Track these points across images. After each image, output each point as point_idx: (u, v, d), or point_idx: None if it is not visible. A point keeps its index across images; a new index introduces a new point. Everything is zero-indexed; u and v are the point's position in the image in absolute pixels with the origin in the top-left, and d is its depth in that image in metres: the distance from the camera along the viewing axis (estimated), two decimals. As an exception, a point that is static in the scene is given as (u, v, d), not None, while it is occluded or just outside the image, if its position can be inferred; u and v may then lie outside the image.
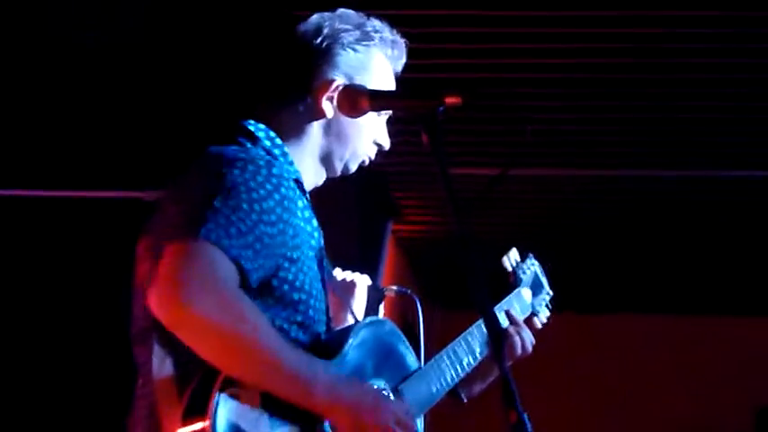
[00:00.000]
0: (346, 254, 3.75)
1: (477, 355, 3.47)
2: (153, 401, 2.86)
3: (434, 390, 3.28)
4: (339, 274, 3.53)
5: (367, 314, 3.56)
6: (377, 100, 2.97)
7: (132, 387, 2.99)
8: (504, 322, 3.64)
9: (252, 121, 3.10)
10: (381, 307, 3.69)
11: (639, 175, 7.57)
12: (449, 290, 8.39)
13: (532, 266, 3.89)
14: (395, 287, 3.76)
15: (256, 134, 3.07)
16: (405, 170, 6.91)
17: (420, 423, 3.20)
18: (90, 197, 7.30)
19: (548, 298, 3.89)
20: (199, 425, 2.71)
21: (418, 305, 3.59)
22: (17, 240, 7.38)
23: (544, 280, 3.91)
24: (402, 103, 3.04)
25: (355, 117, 3.08)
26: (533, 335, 3.67)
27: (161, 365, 2.87)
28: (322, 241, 3.14)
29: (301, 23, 3.17)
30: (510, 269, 3.80)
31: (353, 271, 3.60)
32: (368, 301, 3.60)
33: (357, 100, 2.95)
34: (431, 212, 8.11)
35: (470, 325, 3.59)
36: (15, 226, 7.37)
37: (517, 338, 3.50)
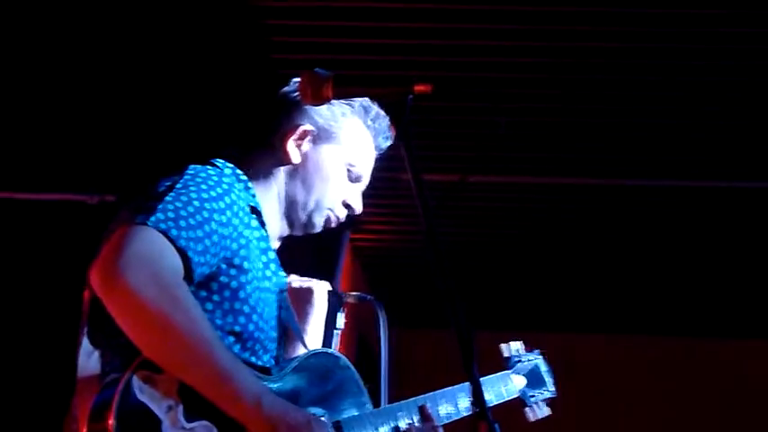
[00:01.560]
0: (302, 263, 3.69)
1: (443, 417, 3.45)
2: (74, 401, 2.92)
3: None
4: (296, 280, 3.54)
5: (327, 322, 3.58)
6: (341, 87, 2.90)
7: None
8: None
9: (220, 160, 3.19)
10: (341, 315, 3.67)
11: (609, 184, 7.56)
12: (406, 306, 8.38)
13: (535, 360, 3.94)
14: (356, 293, 3.75)
15: (222, 168, 3.16)
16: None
17: None
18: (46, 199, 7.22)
19: (547, 395, 3.91)
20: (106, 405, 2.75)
21: (380, 313, 3.60)
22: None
23: (548, 379, 3.95)
24: (370, 91, 2.99)
25: (319, 104, 3.08)
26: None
27: (86, 362, 2.93)
28: (282, 281, 3.26)
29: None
30: (506, 355, 3.88)
31: (311, 278, 3.61)
32: (328, 308, 3.60)
33: (321, 86, 2.89)
34: (389, 222, 8.11)
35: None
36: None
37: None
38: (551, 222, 8.08)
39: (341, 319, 3.63)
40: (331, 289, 3.62)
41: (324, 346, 3.51)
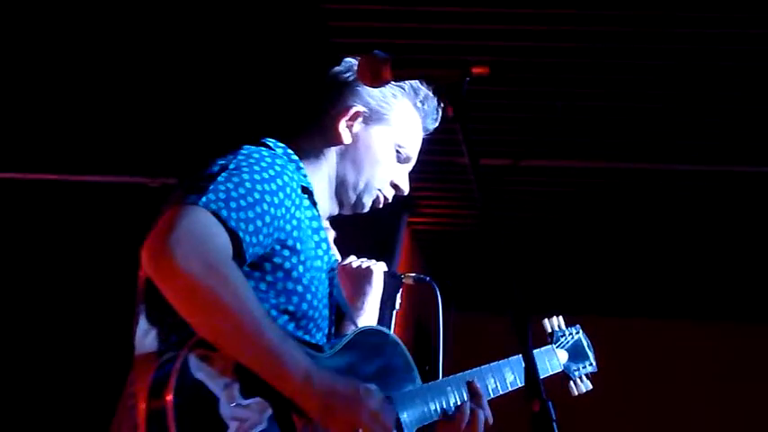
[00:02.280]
0: (361, 245, 3.72)
1: (490, 392, 3.48)
2: (131, 378, 2.94)
3: (433, 408, 3.31)
4: (355, 261, 3.62)
5: (384, 302, 3.63)
6: (400, 69, 2.89)
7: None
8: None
9: (272, 140, 3.22)
10: (399, 296, 3.75)
11: (655, 169, 7.53)
12: (463, 288, 8.40)
13: (576, 334, 3.97)
14: (413, 274, 3.78)
15: (275, 148, 3.18)
16: (422, 160, 7.02)
17: None
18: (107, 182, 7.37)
19: (589, 369, 3.93)
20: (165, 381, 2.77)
21: (438, 293, 3.73)
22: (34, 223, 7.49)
23: (590, 353, 3.97)
24: (428, 71, 2.96)
25: (378, 86, 3.08)
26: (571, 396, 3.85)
27: (143, 339, 2.96)
28: (334, 261, 3.28)
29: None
30: (549, 330, 3.88)
31: (369, 259, 3.66)
32: (385, 289, 3.64)
33: (379, 68, 2.88)
34: (446, 206, 8.14)
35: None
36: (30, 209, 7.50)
37: (479, 417, 3.39)
38: (599, 206, 8.07)
39: (398, 300, 3.70)
40: (388, 270, 3.65)
41: (381, 325, 3.52)
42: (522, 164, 7.11)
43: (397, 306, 3.72)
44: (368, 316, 3.53)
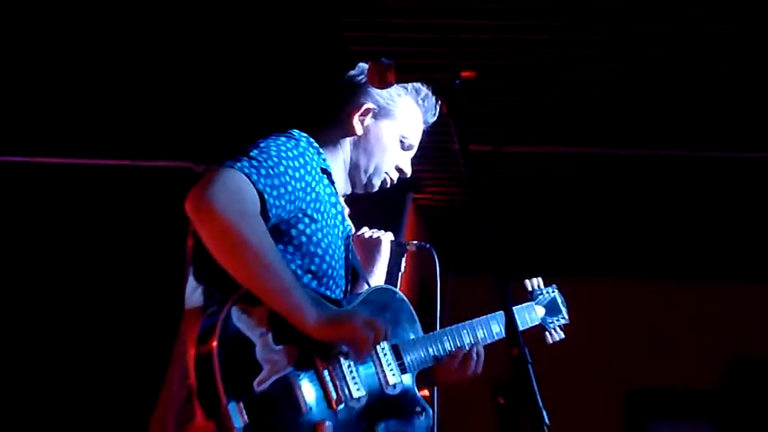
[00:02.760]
0: (372, 221, 3.80)
1: (479, 340, 3.53)
2: (182, 328, 3.03)
3: (431, 353, 3.37)
4: (367, 232, 3.67)
5: (391, 266, 3.68)
6: (402, 73, 3.01)
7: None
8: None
9: (296, 130, 3.30)
10: (403, 260, 3.79)
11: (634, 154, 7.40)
12: (461, 256, 8.42)
13: (552, 293, 4.01)
14: (415, 242, 3.83)
15: (299, 137, 3.26)
16: (424, 146, 7.07)
17: (411, 379, 3.29)
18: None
19: (562, 322, 3.98)
20: (211, 330, 2.86)
21: (435, 257, 3.75)
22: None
23: (563, 308, 4.01)
24: (425, 75, 3.09)
25: (384, 88, 3.21)
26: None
27: (191, 295, 3.05)
28: (349, 230, 3.38)
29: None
30: (529, 289, 3.94)
31: (379, 230, 3.72)
32: (391, 255, 3.70)
33: (385, 73, 3.00)
34: (446, 184, 8.11)
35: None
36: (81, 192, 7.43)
37: (472, 361, 3.47)
38: (571, 186, 8.01)
39: (403, 264, 3.75)
40: (394, 239, 3.71)
41: (388, 285, 3.56)
42: (504, 150, 7.16)
43: (402, 269, 3.76)
44: (378, 277, 3.59)
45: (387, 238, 3.68)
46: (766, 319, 8.96)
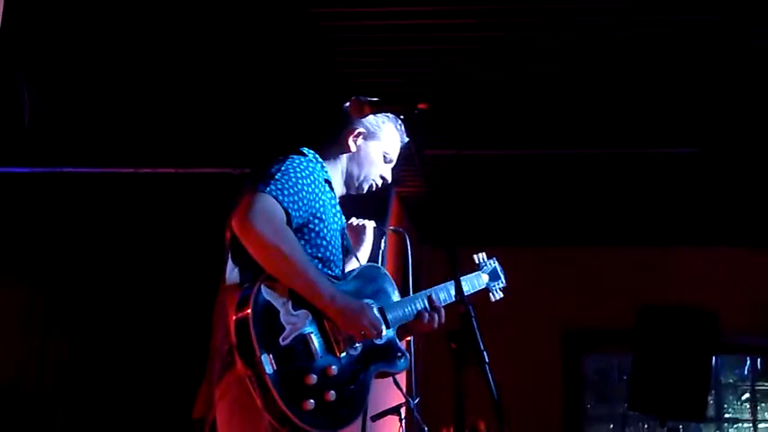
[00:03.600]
0: (363, 211, 3.92)
1: (441, 301, 3.55)
2: (222, 300, 3.12)
3: (407, 312, 3.44)
4: (355, 221, 3.73)
5: (374, 246, 3.74)
6: (375, 107, 3.17)
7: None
8: (467, 287, 3.80)
9: (306, 148, 3.42)
10: (383, 241, 3.85)
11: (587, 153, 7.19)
12: (433, 233, 8.48)
13: (493, 263, 4.00)
14: (392, 227, 4.01)
15: (308, 154, 3.37)
16: (405, 152, 7.12)
17: (392, 331, 3.38)
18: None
19: (502, 285, 3.97)
20: (246, 301, 2.99)
21: (407, 239, 3.81)
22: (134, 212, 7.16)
23: (502, 274, 4.00)
24: (390, 108, 3.22)
25: (361, 117, 3.35)
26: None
27: (230, 274, 3.15)
28: (344, 223, 3.46)
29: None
30: (476, 261, 3.95)
31: (365, 219, 3.78)
32: (374, 238, 3.75)
33: (363, 107, 3.16)
34: (421, 179, 7.99)
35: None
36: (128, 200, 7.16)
37: (435, 317, 3.51)
38: (517, 184, 7.96)
39: (383, 244, 3.82)
40: (376, 225, 3.77)
41: (372, 262, 3.66)
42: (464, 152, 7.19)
43: (383, 248, 3.84)
44: (363, 255, 3.66)
45: (370, 224, 3.73)
46: (665, 275, 9.03)
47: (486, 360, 2.62)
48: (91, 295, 6.97)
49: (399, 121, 3.54)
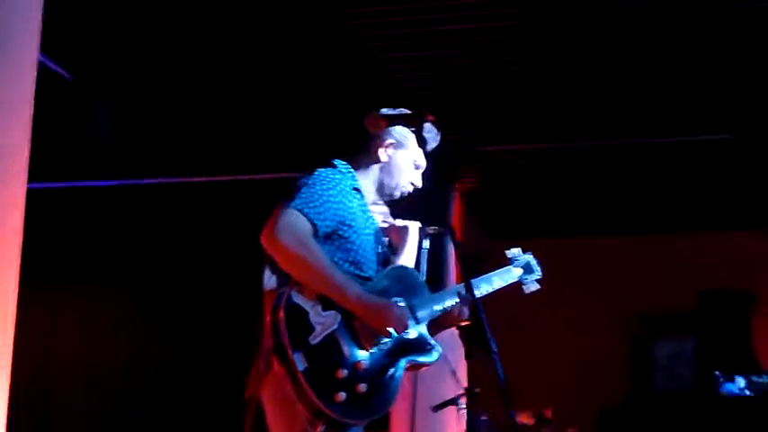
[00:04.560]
0: (425, 208, 3.96)
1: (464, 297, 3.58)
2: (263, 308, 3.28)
3: (438, 308, 3.52)
4: (399, 222, 3.82)
5: (418, 246, 3.80)
6: (389, 120, 3.38)
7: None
8: (496, 285, 3.77)
9: (338, 160, 3.54)
10: (426, 241, 3.85)
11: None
12: (492, 225, 8.62)
13: (527, 256, 3.96)
14: (434, 227, 3.86)
15: (338, 166, 3.50)
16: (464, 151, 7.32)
17: (424, 327, 3.45)
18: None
19: (536, 276, 3.93)
20: (279, 305, 3.15)
21: (451, 237, 3.75)
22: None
23: (537, 268, 3.96)
24: (403, 120, 3.41)
25: (377, 131, 3.50)
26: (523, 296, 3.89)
27: (268, 281, 3.32)
28: (376, 226, 3.57)
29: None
30: (509, 256, 3.94)
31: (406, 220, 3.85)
32: (419, 237, 3.81)
33: (378, 122, 3.36)
34: (480, 176, 8.19)
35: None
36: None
37: (465, 310, 3.57)
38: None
39: (426, 243, 3.81)
40: (420, 225, 3.80)
41: (417, 261, 3.72)
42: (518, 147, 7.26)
43: (427, 247, 3.82)
44: (409, 254, 3.72)
45: (413, 225, 3.75)
46: (724, 260, 8.96)
47: (495, 350, 2.76)
48: (172, 296, 7.31)
49: (427, 130, 3.60)
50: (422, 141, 3.33)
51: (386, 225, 3.81)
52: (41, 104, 5.92)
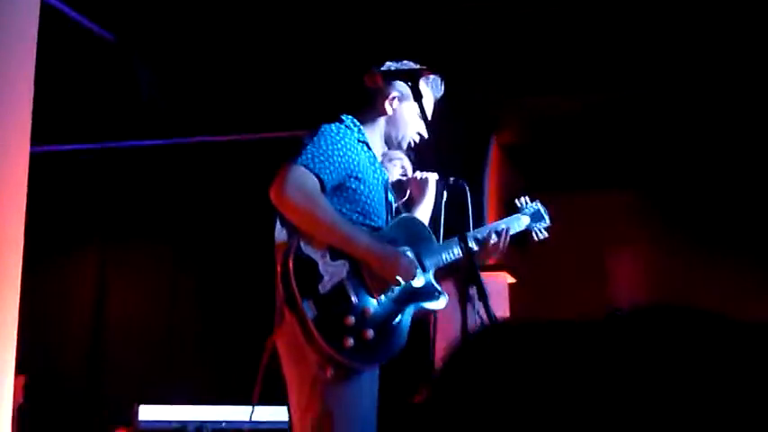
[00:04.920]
0: (462, 157, 4.04)
1: (476, 246, 3.74)
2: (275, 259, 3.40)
3: (444, 257, 3.63)
4: (418, 174, 3.94)
5: (437, 199, 3.91)
6: (385, 76, 3.54)
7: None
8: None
9: (345, 114, 3.64)
10: (445, 192, 3.95)
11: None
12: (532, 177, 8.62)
13: (536, 205, 4.03)
14: (452, 178, 3.95)
15: (345, 120, 3.60)
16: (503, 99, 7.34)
17: (430, 275, 3.56)
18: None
19: (545, 224, 4.02)
20: (288, 256, 3.28)
21: (467, 189, 3.91)
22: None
23: (546, 215, 4.04)
24: (401, 75, 3.52)
25: (374, 87, 3.61)
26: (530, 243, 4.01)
27: (279, 234, 3.45)
28: (386, 177, 3.67)
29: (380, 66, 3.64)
30: (518, 205, 4.01)
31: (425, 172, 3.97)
32: (437, 189, 3.91)
33: (375, 78, 3.52)
34: (520, 125, 8.16)
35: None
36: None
37: (501, 244, 3.75)
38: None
39: (444, 194, 3.91)
40: (438, 178, 3.90)
41: (435, 211, 3.83)
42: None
43: (444, 198, 3.90)
44: (427, 205, 3.84)
45: (432, 177, 3.85)
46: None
47: (487, 293, 2.89)
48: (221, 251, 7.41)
49: (431, 80, 3.68)
50: (418, 95, 3.38)
51: (404, 178, 3.94)
52: (86, 66, 6.38)
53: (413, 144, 3.76)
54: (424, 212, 3.83)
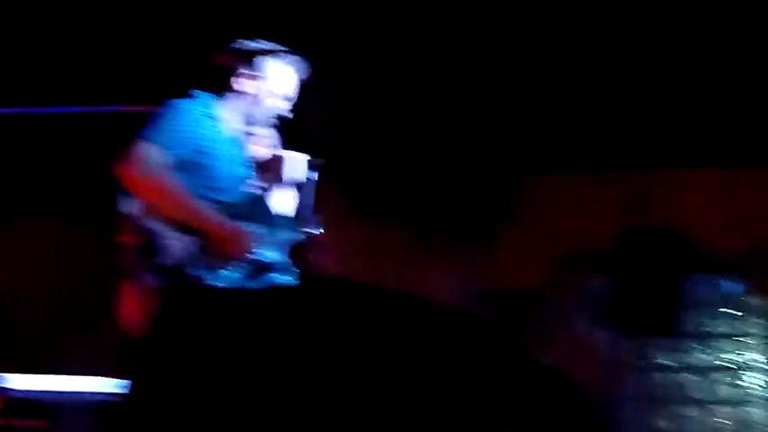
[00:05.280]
0: None
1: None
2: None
3: (292, 235, 3.67)
4: (277, 152, 3.83)
5: (307, 177, 3.83)
6: (236, 54, 3.67)
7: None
8: None
9: (197, 90, 3.66)
10: (315, 173, 3.86)
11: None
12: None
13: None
14: (320, 159, 3.84)
15: (195, 95, 3.63)
16: None
17: (282, 254, 3.59)
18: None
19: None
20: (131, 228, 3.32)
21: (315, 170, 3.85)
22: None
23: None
24: (254, 54, 3.70)
25: (226, 65, 3.69)
26: None
27: (123, 206, 3.45)
28: (242, 153, 3.68)
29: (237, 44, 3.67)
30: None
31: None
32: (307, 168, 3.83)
33: (230, 57, 3.64)
34: None
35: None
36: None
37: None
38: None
39: (314, 175, 3.84)
40: (309, 158, 3.84)
41: (304, 191, 3.83)
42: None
43: (313, 177, 3.83)
44: (292, 184, 3.82)
45: (295, 155, 3.81)
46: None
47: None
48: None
49: (289, 60, 3.70)
50: (274, 74, 3.51)
51: (268, 155, 3.85)
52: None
53: (276, 120, 3.75)
54: (282, 191, 3.80)
